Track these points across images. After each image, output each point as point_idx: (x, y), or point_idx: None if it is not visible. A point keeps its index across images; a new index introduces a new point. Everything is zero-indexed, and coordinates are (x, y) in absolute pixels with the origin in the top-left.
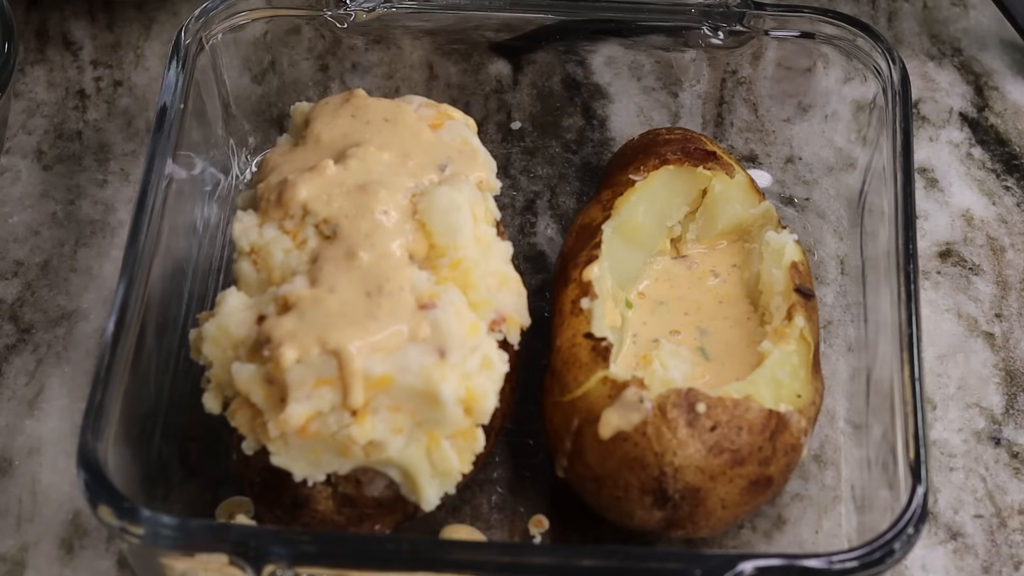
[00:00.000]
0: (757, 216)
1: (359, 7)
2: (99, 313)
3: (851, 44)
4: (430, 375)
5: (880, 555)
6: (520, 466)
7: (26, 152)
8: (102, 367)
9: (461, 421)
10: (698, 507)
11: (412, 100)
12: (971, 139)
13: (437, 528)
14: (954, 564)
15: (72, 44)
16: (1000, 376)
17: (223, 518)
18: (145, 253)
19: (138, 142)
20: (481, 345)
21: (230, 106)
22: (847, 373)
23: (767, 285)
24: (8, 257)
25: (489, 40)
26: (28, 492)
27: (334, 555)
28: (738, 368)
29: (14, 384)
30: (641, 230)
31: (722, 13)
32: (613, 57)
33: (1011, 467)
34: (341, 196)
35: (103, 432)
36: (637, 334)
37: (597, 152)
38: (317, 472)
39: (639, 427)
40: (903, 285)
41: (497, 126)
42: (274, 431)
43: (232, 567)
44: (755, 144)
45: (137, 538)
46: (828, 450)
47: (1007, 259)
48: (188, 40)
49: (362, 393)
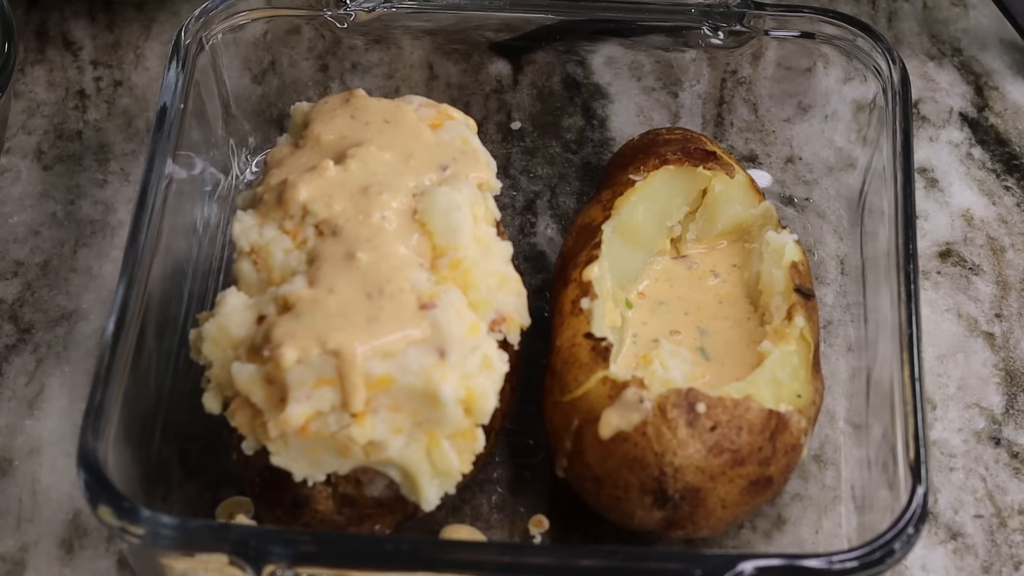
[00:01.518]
0: (757, 216)
1: (359, 7)
2: (99, 313)
3: (851, 44)
4: (430, 375)
5: (880, 555)
6: (520, 466)
7: (26, 152)
8: (102, 367)
9: (461, 421)
10: (698, 507)
11: (412, 100)
12: (971, 139)
13: (437, 528)
14: (954, 564)
15: (72, 44)
16: (1000, 376)
17: (223, 518)
18: (145, 253)
19: (138, 142)
20: (481, 345)
21: (230, 106)
22: (847, 373)
23: (767, 285)
24: (8, 257)
25: (489, 40)
26: (28, 492)
27: (334, 555)
28: (738, 368)
29: (14, 384)
30: (641, 230)
31: (722, 13)
32: (613, 57)
33: (1011, 467)
34: (342, 197)
35: (103, 432)
36: (637, 334)
37: (597, 152)
38: (317, 472)
39: (639, 427)
40: (903, 285)
41: (497, 126)
42: (274, 431)
43: (232, 567)
44: (755, 144)
45: (137, 538)
46: (828, 450)
47: (1007, 259)
48: (188, 40)
49: (363, 397)
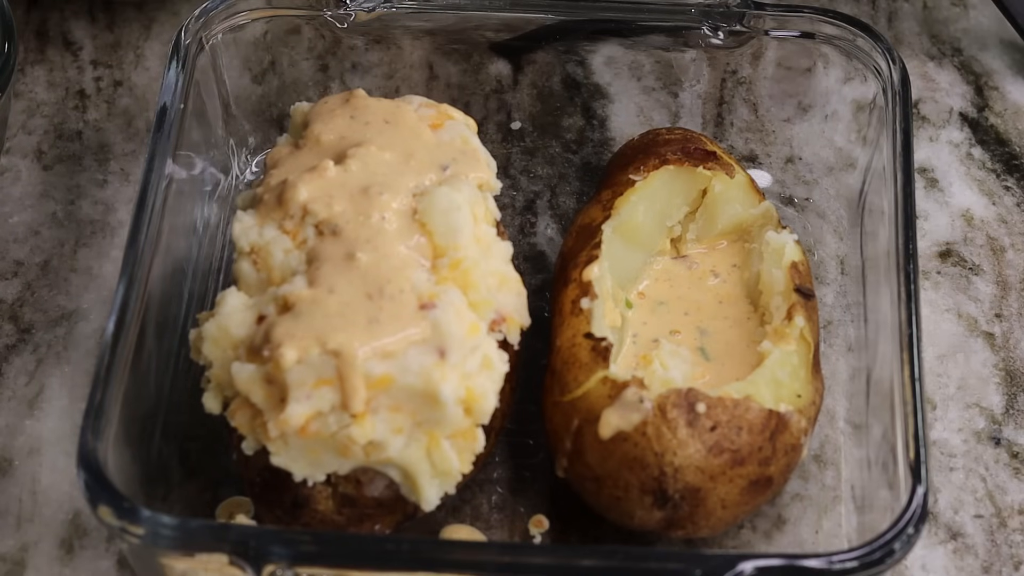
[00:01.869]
0: (757, 216)
1: (359, 7)
2: (99, 313)
3: (851, 44)
4: (430, 375)
5: (880, 555)
6: (520, 466)
7: (26, 152)
8: (102, 367)
9: (461, 421)
10: (698, 507)
11: (412, 100)
12: (971, 139)
13: (437, 528)
14: (954, 564)
15: (72, 44)
16: (1000, 376)
17: (223, 518)
18: (145, 253)
19: (138, 142)
20: (481, 345)
21: (230, 106)
22: (847, 373)
23: (767, 285)
24: (8, 257)
25: (489, 40)
26: (28, 492)
27: (334, 555)
28: (738, 368)
29: (14, 384)
30: (641, 230)
31: (722, 13)
32: (613, 57)
33: (1011, 467)
34: (342, 197)
35: (103, 432)
36: (637, 334)
37: (597, 152)
38: (317, 472)
39: (639, 427)
40: (903, 285)
41: (497, 126)
42: (274, 431)
43: (232, 567)
44: (755, 144)
45: (137, 538)
46: (828, 450)
47: (1007, 259)
48: (188, 40)
49: (364, 397)
